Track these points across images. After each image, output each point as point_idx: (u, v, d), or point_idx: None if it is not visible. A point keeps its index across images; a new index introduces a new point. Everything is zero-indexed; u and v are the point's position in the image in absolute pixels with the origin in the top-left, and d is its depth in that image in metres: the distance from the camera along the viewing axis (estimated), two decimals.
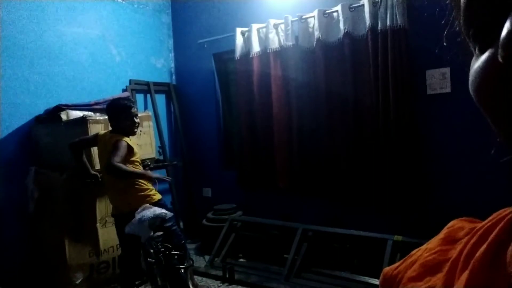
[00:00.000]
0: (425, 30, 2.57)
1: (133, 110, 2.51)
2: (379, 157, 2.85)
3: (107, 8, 3.59)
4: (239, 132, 3.68)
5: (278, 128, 3.34)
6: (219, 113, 4.01)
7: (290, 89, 3.27)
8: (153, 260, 2.21)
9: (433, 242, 0.40)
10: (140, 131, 3.10)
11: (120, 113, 2.46)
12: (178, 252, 2.28)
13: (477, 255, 0.31)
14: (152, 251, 2.20)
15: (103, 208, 2.86)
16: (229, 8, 3.80)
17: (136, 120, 2.53)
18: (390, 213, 2.88)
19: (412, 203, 2.84)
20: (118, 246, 2.68)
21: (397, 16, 2.69)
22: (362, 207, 3.09)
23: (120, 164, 2.26)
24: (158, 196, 2.50)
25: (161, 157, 3.64)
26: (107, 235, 2.84)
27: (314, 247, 3.01)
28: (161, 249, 2.21)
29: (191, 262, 2.55)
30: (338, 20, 3.01)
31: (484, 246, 0.32)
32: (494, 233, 0.32)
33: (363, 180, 2.97)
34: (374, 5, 2.82)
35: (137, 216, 2.15)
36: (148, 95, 3.94)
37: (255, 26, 3.45)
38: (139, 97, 3.86)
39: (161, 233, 2.24)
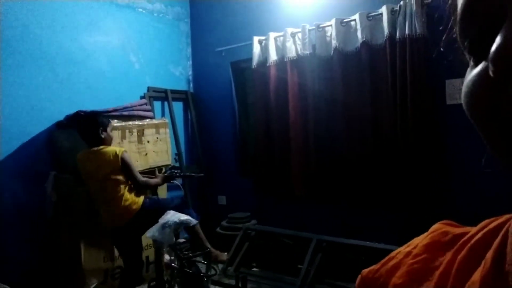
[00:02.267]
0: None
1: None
2: (397, 167, 2.80)
3: (128, 17, 3.66)
4: (255, 140, 3.68)
5: (295, 136, 3.32)
6: (235, 121, 4.02)
7: (307, 98, 3.26)
8: (176, 266, 2.21)
9: (418, 247, 0.39)
10: (157, 138, 3.13)
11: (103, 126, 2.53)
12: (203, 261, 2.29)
13: (477, 279, 0.30)
14: (174, 257, 2.20)
15: None
16: (246, 17, 3.83)
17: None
18: (406, 215, 2.82)
19: (430, 213, 2.77)
20: None
21: (416, 25, 2.65)
22: (378, 217, 3.03)
23: (145, 179, 2.51)
24: (140, 200, 2.54)
25: (177, 164, 3.66)
26: None
27: (329, 258, 2.97)
28: (185, 256, 2.21)
29: (215, 271, 2.54)
30: (356, 29, 2.99)
31: (484, 270, 0.30)
32: (492, 252, 0.31)
33: (381, 185, 2.92)
34: (392, 14, 2.80)
35: (161, 221, 2.17)
36: (166, 103, 3.98)
37: (272, 35, 3.47)
38: (157, 104, 3.91)
39: (184, 240, 2.26)
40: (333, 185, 3.17)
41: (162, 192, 3.09)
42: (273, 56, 3.46)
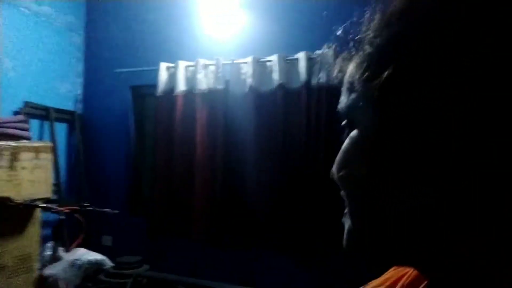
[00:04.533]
0: None
1: None
2: (307, 212, 2.79)
3: (7, 15, 3.04)
4: (153, 174, 3.32)
5: (200, 174, 3.09)
6: (130, 151, 3.59)
7: (216, 134, 3.09)
8: None
9: None
10: (36, 164, 2.55)
11: None
12: None
13: None
14: None
15: None
16: (153, 40, 3.54)
17: None
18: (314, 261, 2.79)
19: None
20: None
21: (331, 74, 2.76)
22: (285, 263, 2.95)
23: None
24: None
25: (55, 197, 3.05)
26: None
27: None
28: None
29: None
30: (271, 70, 2.99)
31: None
32: None
33: (290, 231, 2.85)
34: (309, 60, 2.88)
35: (69, 257, 1.69)
36: (47, 123, 3.35)
37: (182, 63, 3.25)
38: (35, 124, 3.26)
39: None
40: (238, 229, 3.00)
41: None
42: (181, 86, 3.23)
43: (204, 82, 3.18)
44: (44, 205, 2.51)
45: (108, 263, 1.95)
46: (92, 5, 3.80)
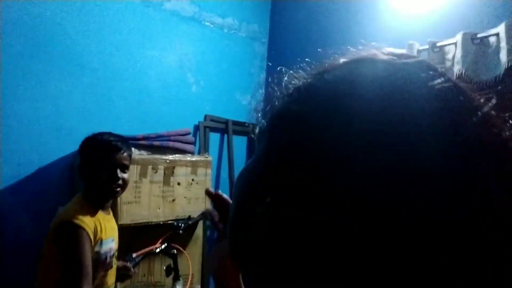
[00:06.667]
0: None
1: (119, 155, 1.65)
2: None
3: (191, 32, 3.08)
4: None
5: None
6: None
7: None
8: None
9: None
10: (193, 180, 2.37)
11: (92, 158, 1.64)
12: None
13: None
14: None
15: None
16: (338, 45, 2.96)
17: (121, 175, 1.63)
18: None
19: None
20: None
21: None
22: None
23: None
24: None
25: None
26: None
27: None
28: None
29: None
30: (496, 49, 1.92)
31: None
32: None
33: None
34: None
35: None
36: (225, 136, 3.26)
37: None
38: (214, 137, 3.20)
39: None
40: None
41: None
42: None
43: None
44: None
45: None
46: (276, 11, 3.56)
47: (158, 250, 1.82)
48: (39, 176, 2.39)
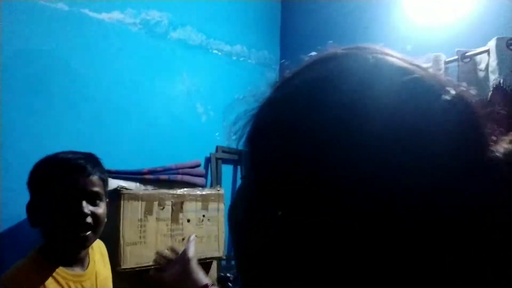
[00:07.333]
0: None
1: (83, 179, 1.15)
2: None
3: (198, 60, 2.96)
4: None
5: None
6: None
7: None
8: None
9: None
10: (204, 216, 2.14)
11: (44, 188, 1.14)
12: None
13: None
14: None
15: None
16: None
17: (89, 209, 1.13)
18: None
19: None
20: None
21: None
22: None
23: None
24: None
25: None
26: None
27: None
28: None
29: None
30: None
31: None
32: None
33: None
34: None
35: None
36: (239, 168, 3.05)
37: None
38: (226, 169, 3.00)
39: None
40: None
41: None
42: None
43: None
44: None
45: None
46: (286, 36, 3.45)
47: None
48: None
